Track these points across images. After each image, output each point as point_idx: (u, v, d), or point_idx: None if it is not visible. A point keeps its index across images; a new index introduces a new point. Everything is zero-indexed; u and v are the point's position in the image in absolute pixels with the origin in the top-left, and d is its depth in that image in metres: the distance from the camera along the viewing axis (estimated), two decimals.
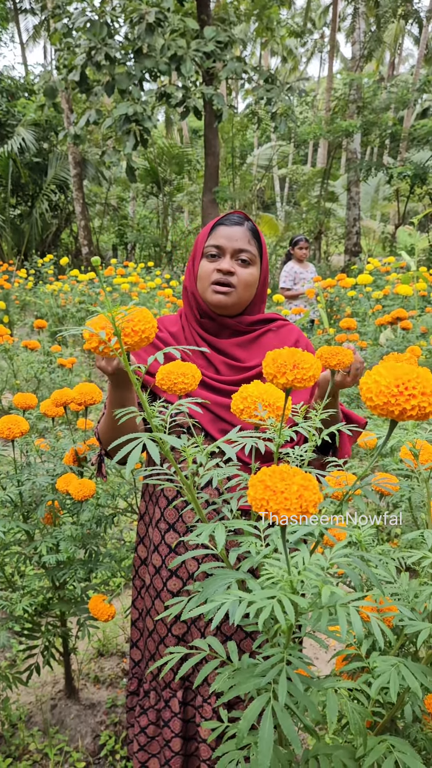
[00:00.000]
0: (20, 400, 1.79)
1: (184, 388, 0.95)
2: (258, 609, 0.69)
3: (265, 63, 24.35)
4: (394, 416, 0.73)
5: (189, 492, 0.88)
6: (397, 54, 27.18)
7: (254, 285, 1.42)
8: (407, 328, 3.65)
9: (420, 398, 0.72)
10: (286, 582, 0.70)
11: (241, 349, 1.42)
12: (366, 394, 0.75)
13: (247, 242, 1.39)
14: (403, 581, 1.06)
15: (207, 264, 1.41)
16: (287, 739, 1.01)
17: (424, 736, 1.11)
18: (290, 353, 0.86)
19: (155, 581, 1.39)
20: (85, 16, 10.10)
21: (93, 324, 0.80)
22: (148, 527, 1.46)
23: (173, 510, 1.36)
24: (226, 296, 1.38)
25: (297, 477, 0.65)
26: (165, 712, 1.38)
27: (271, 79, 11.39)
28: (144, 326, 0.82)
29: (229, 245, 1.38)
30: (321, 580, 0.70)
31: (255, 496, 0.64)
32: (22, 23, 27.22)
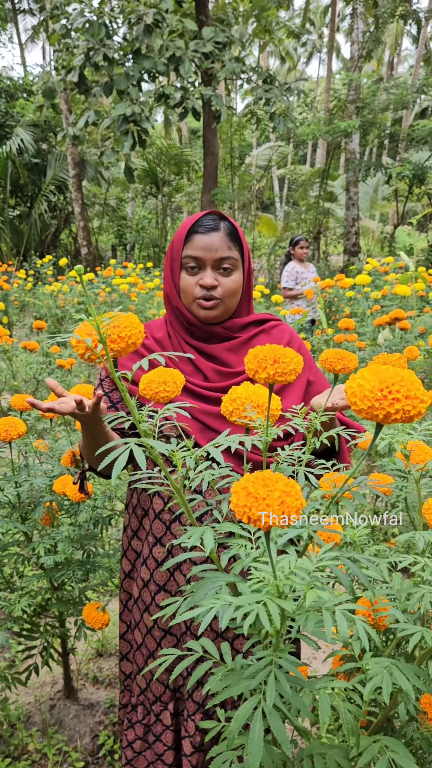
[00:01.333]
0: (18, 402, 1.79)
1: (166, 396, 0.95)
2: (245, 613, 0.70)
3: (264, 63, 24.36)
4: (379, 420, 0.74)
5: (179, 496, 0.89)
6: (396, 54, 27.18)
7: (239, 290, 1.37)
8: (405, 328, 3.65)
9: (404, 402, 0.73)
10: (272, 586, 0.71)
11: (231, 354, 1.37)
12: (351, 398, 0.76)
13: (227, 248, 1.32)
14: (396, 582, 1.06)
15: (188, 278, 1.34)
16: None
17: (420, 735, 1.12)
18: (271, 349, 0.87)
19: (144, 595, 1.36)
20: (84, 16, 10.11)
21: (80, 331, 0.81)
22: (131, 540, 1.43)
23: (160, 523, 1.32)
24: (213, 310, 1.33)
25: (279, 483, 0.65)
26: (156, 726, 1.35)
27: (270, 79, 11.40)
28: (130, 332, 0.82)
29: (208, 257, 1.31)
30: (307, 584, 0.71)
31: (237, 503, 0.64)
32: (21, 24, 27.23)
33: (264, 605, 0.70)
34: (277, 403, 1.06)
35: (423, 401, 0.75)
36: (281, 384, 0.89)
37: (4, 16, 20.54)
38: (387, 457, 2.46)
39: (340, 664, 1.12)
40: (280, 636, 0.78)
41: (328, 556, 0.80)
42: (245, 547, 0.88)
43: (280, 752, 1.00)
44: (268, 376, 0.88)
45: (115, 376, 0.81)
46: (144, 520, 1.39)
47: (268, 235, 18.56)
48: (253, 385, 1.05)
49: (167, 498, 1.31)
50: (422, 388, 0.76)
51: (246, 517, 0.64)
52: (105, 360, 0.81)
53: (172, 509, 1.31)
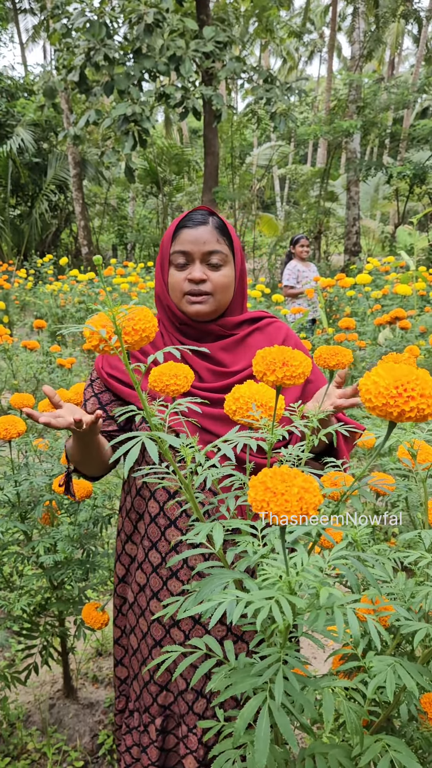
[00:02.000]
0: (17, 401, 1.78)
1: (176, 389, 0.95)
2: (256, 609, 0.69)
3: (264, 63, 24.36)
4: (393, 418, 0.73)
5: (187, 491, 0.88)
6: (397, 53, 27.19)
7: (231, 286, 1.33)
8: (406, 327, 3.65)
9: (419, 400, 0.72)
10: (284, 583, 0.71)
11: (226, 353, 1.34)
12: (365, 396, 0.75)
13: (216, 242, 1.29)
14: (399, 581, 1.06)
15: (176, 273, 1.31)
16: (283, 738, 1.01)
17: (420, 735, 1.12)
18: (279, 351, 0.86)
19: (139, 599, 1.33)
20: (84, 16, 10.10)
21: (93, 322, 0.81)
22: (125, 544, 1.40)
23: (155, 527, 1.29)
24: (203, 305, 1.30)
25: (298, 479, 0.65)
26: (144, 736, 1.32)
27: (271, 79, 11.40)
28: (145, 325, 0.82)
29: (196, 250, 1.28)
30: (319, 581, 0.70)
31: (255, 498, 0.64)
32: (22, 23, 27.23)
33: (276, 602, 0.69)
34: (281, 402, 1.05)
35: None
36: (289, 387, 0.88)
37: (5, 16, 20.53)
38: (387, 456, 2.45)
39: (341, 663, 1.11)
40: (288, 633, 0.77)
41: (337, 555, 0.80)
42: (252, 544, 0.88)
43: (282, 751, 0.99)
44: (277, 379, 0.87)
45: (129, 368, 0.80)
46: (139, 524, 1.36)
47: (269, 235, 18.56)
48: (256, 383, 1.05)
49: (162, 502, 1.29)
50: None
51: (264, 511, 0.63)
52: (119, 351, 0.81)
53: (167, 514, 1.28)
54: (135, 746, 1.35)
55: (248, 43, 16.72)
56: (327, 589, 0.67)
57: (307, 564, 0.72)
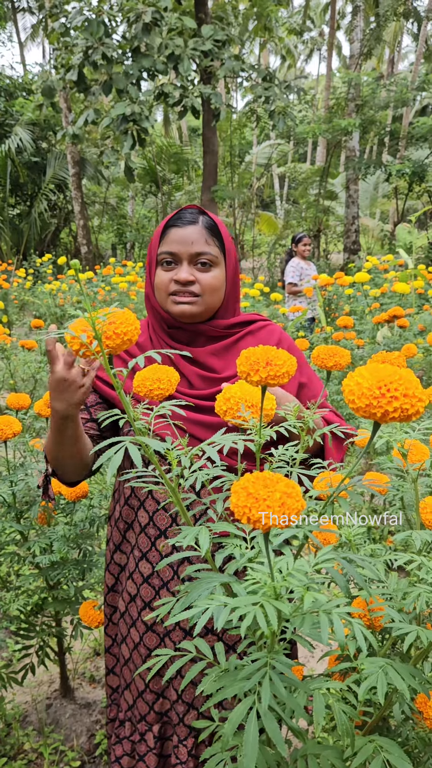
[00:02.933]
0: (13, 401, 1.78)
1: (160, 393, 0.94)
2: (241, 615, 0.69)
3: (263, 61, 24.33)
4: (377, 418, 0.73)
5: (174, 495, 0.88)
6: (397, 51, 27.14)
7: (221, 288, 1.29)
8: (404, 326, 3.64)
9: (402, 400, 0.72)
10: (269, 588, 0.70)
11: (216, 358, 1.29)
12: (348, 396, 0.75)
13: (205, 243, 1.24)
14: (392, 581, 1.05)
15: (162, 273, 1.27)
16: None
17: (416, 734, 1.12)
18: (263, 350, 0.86)
19: (131, 609, 1.31)
20: (83, 15, 10.08)
21: (75, 327, 0.80)
22: (114, 554, 1.38)
23: (145, 537, 1.27)
24: (190, 305, 1.25)
25: (280, 484, 0.64)
26: (140, 745, 1.31)
27: (269, 77, 11.38)
28: (126, 328, 0.81)
29: (184, 250, 1.24)
30: (304, 586, 0.70)
31: (237, 504, 0.63)
32: (20, 22, 27.19)
33: (261, 607, 0.69)
34: (271, 402, 1.05)
35: (421, 400, 0.74)
36: (274, 387, 0.87)
37: (3, 15, 20.51)
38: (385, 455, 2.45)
39: (336, 663, 1.11)
40: (276, 638, 0.77)
41: (325, 558, 0.79)
42: (240, 547, 0.87)
43: (274, 753, 0.99)
44: (261, 378, 0.87)
45: (110, 372, 0.80)
46: (128, 534, 1.34)
47: (268, 234, 18.55)
48: (248, 384, 1.04)
49: (152, 512, 1.27)
50: (420, 386, 0.75)
51: (246, 517, 0.63)
52: (100, 356, 0.80)
53: (157, 524, 1.26)
54: (126, 756, 1.33)
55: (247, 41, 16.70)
56: (312, 593, 0.66)
57: (293, 568, 0.71)
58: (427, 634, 0.86)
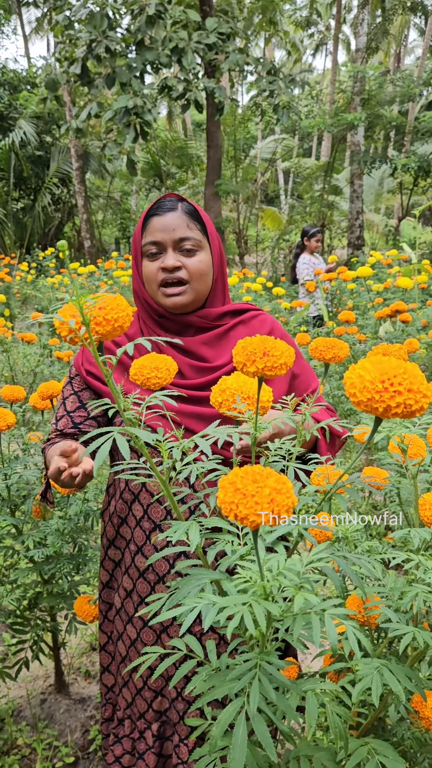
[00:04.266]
0: (7, 393, 1.76)
1: (158, 382, 0.91)
2: (229, 615, 0.66)
3: (269, 55, 24.17)
4: (379, 413, 0.69)
5: (165, 488, 0.85)
6: (403, 46, 26.93)
7: (209, 273, 1.27)
8: (406, 320, 3.61)
9: (406, 395, 0.68)
10: (259, 587, 0.67)
11: (207, 347, 1.28)
12: (350, 390, 0.71)
13: (187, 228, 1.24)
14: (389, 580, 1.03)
15: (149, 264, 1.26)
16: None
17: (411, 734, 1.09)
18: (260, 340, 0.83)
19: (126, 605, 1.30)
20: (86, 8, 10.01)
21: (64, 312, 0.77)
22: (108, 549, 1.36)
23: (140, 531, 1.26)
24: (181, 296, 1.24)
25: (270, 479, 0.61)
26: (140, 743, 1.29)
27: (274, 71, 11.29)
28: (117, 314, 0.78)
29: (167, 237, 1.23)
30: (296, 585, 0.67)
31: (224, 500, 0.60)
32: (25, 15, 27.10)
33: (249, 607, 0.66)
34: (268, 394, 1.02)
35: (426, 396, 0.70)
36: (271, 378, 0.85)
37: (8, 8, 20.42)
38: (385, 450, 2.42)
39: (332, 661, 1.09)
40: (266, 638, 0.74)
41: (318, 556, 0.77)
42: (232, 543, 0.84)
43: (265, 754, 0.97)
44: (257, 369, 0.84)
45: (98, 360, 0.77)
46: (122, 529, 1.32)
47: (273, 229, 18.46)
48: (243, 375, 1.01)
49: (147, 505, 1.25)
50: (425, 381, 0.72)
51: (233, 514, 0.60)
52: (88, 343, 0.78)
53: (152, 517, 1.24)
54: (127, 754, 1.31)
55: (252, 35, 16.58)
56: (303, 594, 0.64)
57: (284, 567, 0.68)
58: (423, 636, 0.83)
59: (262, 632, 0.68)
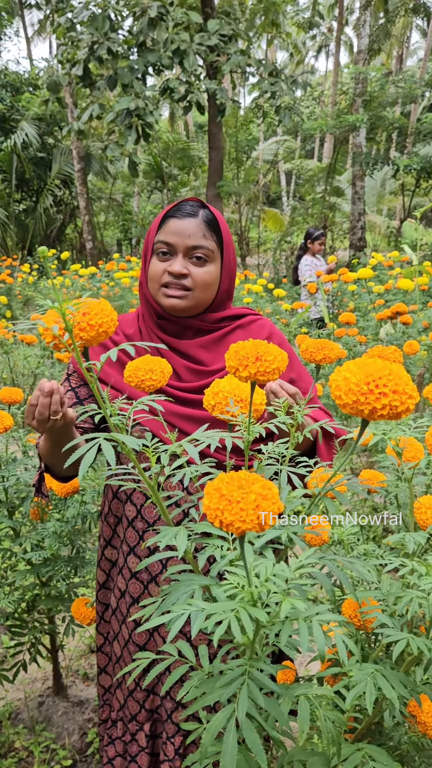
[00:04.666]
0: (5, 395, 1.76)
1: (152, 384, 0.91)
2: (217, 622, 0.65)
3: (271, 57, 24.17)
4: (364, 415, 0.69)
5: (153, 493, 0.85)
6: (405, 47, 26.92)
7: (214, 284, 1.27)
8: (407, 322, 3.60)
9: (392, 396, 0.68)
10: (246, 593, 0.67)
11: (205, 351, 1.28)
12: (335, 392, 0.71)
13: (202, 237, 1.23)
14: (384, 584, 1.02)
15: (157, 263, 1.26)
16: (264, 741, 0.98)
17: (408, 739, 1.08)
18: (253, 345, 0.82)
19: (121, 606, 1.30)
20: (88, 10, 10.03)
21: (47, 318, 0.77)
22: (104, 549, 1.37)
23: (133, 531, 1.26)
24: (180, 300, 1.23)
25: (255, 485, 0.60)
26: (131, 745, 1.29)
27: (275, 72, 11.29)
28: (101, 320, 0.77)
29: (180, 242, 1.23)
30: (283, 591, 0.66)
31: (209, 506, 0.60)
32: (27, 18, 27.15)
33: (236, 614, 0.65)
34: (261, 397, 1.01)
35: (411, 397, 0.70)
36: (263, 383, 0.84)
37: (11, 10, 20.48)
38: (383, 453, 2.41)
39: (329, 665, 1.08)
40: (255, 644, 0.73)
41: (308, 561, 0.76)
42: (221, 548, 0.84)
43: None
44: (250, 374, 0.83)
45: (82, 366, 0.77)
46: (117, 528, 1.32)
47: (274, 230, 18.45)
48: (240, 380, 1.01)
49: (140, 505, 1.25)
50: (411, 382, 0.71)
51: (218, 521, 0.59)
52: (72, 350, 0.77)
53: (145, 517, 1.24)
54: (118, 757, 1.31)
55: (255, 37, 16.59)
56: (290, 600, 0.63)
57: (272, 573, 0.68)
58: (417, 642, 0.82)
59: (250, 639, 0.68)
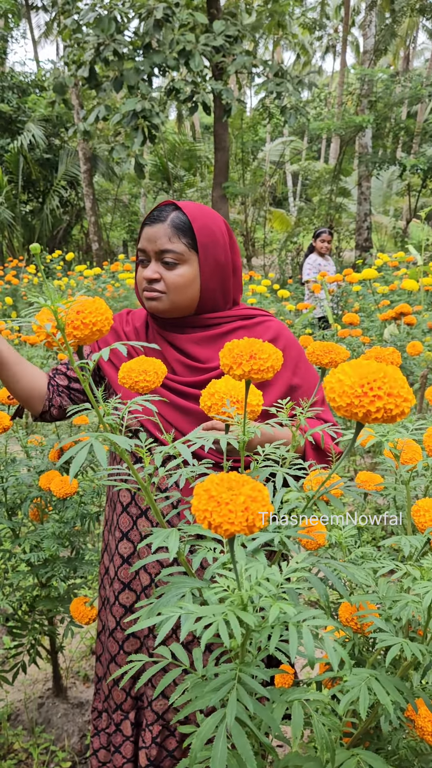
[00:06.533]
0: (3, 395, 1.76)
1: (146, 386, 0.90)
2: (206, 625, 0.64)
3: (277, 57, 24.15)
4: (358, 418, 0.68)
5: (146, 494, 0.84)
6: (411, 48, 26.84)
7: (190, 286, 1.25)
8: (411, 323, 3.57)
9: (386, 399, 0.67)
10: (236, 596, 0.66)
11: (198, 347, 1.28)
12: (329, 394, 0.70)
13: (168, 241, 1.23)
14: (381, 588, 1.00)
15: (140, 270, 1.30)
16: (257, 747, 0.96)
17: (406, 743, 1.07)
18: (248, 343, 0.82)
19: (108, 593, 1.31)
20: (95, 11, 10.05)
21: (41, 316, 0.76)
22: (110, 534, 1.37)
23: (127, 517, 1.27)
24: (156, 302, 1.26)
25: (245, 487, 0.59)
26: (116, 736, 1.28)
27: (281, 73, 11.28)
28: (95, 318, 0.77)
29: (150, 248, 1.25)
30: (273, 595, 0.65)
31: (198, 507, 0.59)
32: (34, 20, 27.30)
33: (225, 617, 0.64)
34: (257, 398, 1.00)
35: (407, 400, 0.69)
36: (258, 381, 0.83)
37: (17, 12, 20.57)
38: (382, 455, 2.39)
39: (326, 668, 1.07)
40: (245, 648, 0.72)
41: (301, 564, 0.75)
42: (214, 550, 0.83)
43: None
44: (243, 372, 0.83)
45: (75, 365, 0.76)
46: (112, 515, 1.33)
47: (281, 231, 18.43)
48: (233, 378, 1.00)
49: (134, 491, 1.26)
50: (407, 385, 0.70)
51: (207, 522, 0.58)
52: (65, 348, 0.76)
53: (139, 503, 1.25)
54: (102, 749, 1.31)
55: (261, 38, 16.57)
56: (279, 605, 0.62)
57: (263, 576, 0.67)
58: (411, 648, 0.81)
59: (238, 643, 0.67)
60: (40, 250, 0.69)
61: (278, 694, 0.86)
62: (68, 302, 0.72)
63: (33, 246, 0.68)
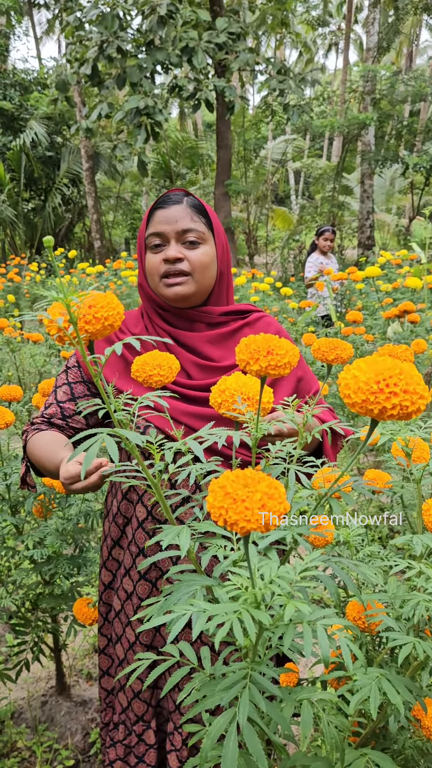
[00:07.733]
0: (5, 393, 1.75)
1: (160, 380, 0.89)
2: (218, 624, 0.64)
3: (280, 55, 24.08)
4: (374, 415, 0.67)
5: (156, 491, 0.83)
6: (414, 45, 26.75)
7: (212, 266, 1.25)
8: (415, 321, 3.56)
9: (402, 396, 0.66)
10: (250, 594, 0.65)
11: (214, 347, 1.25)
12: (344, 391, 0.69)
13: (191, 220, 1.22)
14: (391, 586, 1.00)
15: (152, 256, 1.24)
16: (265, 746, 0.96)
17: (413, 743, 1.06)
18: (264, 339, 0.81)
19: (126, 607, 1.27)
20: (97, 8, 10.03)
21: (53, 310, 0.75)
22: (112, 549, 1.34)
23: (144, 533, 1.24)
24: (182, 286, 1.21)
25: (261, 484, 0.58)
26: (138, 747, 1.26)
27: (284, 70, 11.25)
28: (107, 313, 0.76)
29: (170, 229, 1.21)
30: (287, 594, 0.64)
31: (213, 504, 0.58)
32: (36, 17, 27.23)
33: (239, 615, 0.64)
34: (269, 395, 0.99)
35: (423, 397, 0.68)
36: (274, 377, 0.82)
37: (19, 10, 20.53)
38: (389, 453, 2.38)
39: (333, 667, 1.06)
40: (258, 647, 0.71)
41: (313, 563, 0.74)
42: (224, 548, 0.82)
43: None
44: (261, 368, 0.82)
45: (86, 359, 0.75)
46: (126, 529, 1.30)
47: (283, 229, 18.40)
48: (244, 375, 0.99)
49: (151, 506, 1.23)
50: (422, 382, 0.69)
51: (222, 519, 0.57)
52: (77, 342, 0.76)
53: (157, 517, 1.22)
54: (119, 760, 1.28)
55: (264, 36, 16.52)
56: (294, 603, 0.61)
57: (277, 574, 0.66)
58: (424, 647, 0.80)
59: (252, 642, 0.66)
60: (53, 244, 0.68)
61: (287, 693, 0.85)
62: (81, 296, 0.71)
63: (46, 239, 0.67)
